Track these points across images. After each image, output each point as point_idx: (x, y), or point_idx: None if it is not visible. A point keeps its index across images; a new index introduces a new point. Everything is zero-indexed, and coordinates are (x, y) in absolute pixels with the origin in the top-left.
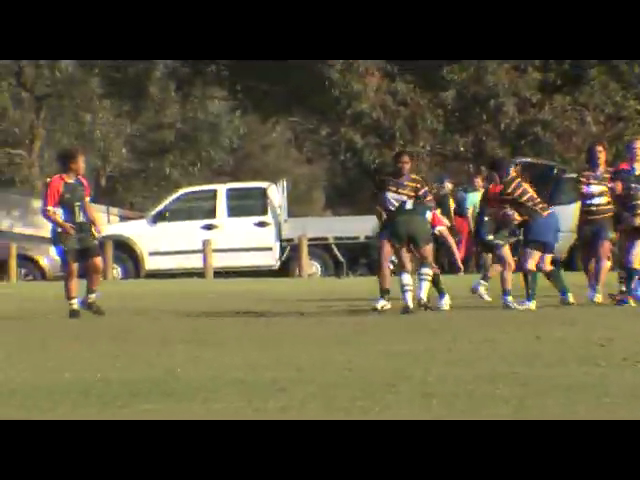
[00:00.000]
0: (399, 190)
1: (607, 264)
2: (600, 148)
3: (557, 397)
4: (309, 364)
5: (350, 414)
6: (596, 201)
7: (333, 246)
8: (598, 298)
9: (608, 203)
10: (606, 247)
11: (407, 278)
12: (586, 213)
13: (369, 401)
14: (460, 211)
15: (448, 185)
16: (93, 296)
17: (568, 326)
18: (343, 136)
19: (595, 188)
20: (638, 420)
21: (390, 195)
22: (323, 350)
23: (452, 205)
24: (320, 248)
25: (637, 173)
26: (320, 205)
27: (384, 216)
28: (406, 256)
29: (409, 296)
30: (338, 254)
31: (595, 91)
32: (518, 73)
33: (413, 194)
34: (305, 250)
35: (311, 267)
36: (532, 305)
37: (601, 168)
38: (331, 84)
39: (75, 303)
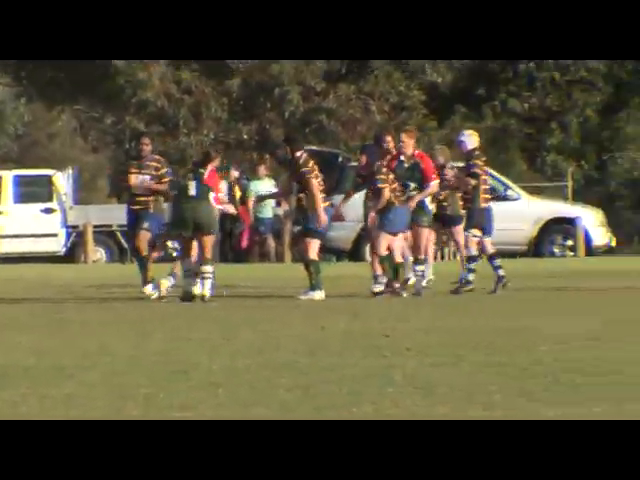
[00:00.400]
0: (142, 171)
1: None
2: (389, 138)
3: (342, 386)
4: (96, 350)
5: (136, 401)
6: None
7: (117, 233)
8: (377, 288)
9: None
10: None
11: (190, 263)
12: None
13: (155, 388)
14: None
15: (234, 173)
16: None
17: (353, 317)
18: (128, 125)
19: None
20: (421, 408)
21: (133, 177)
22: (110, 336)
23: (238, 193)
24: (105, 235)
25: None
26: (105, 193)
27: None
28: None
29: (208, 284)
30: (122, 241)
31: (379, 80)
32: (303, 62)
33: (155, 173)
34: (90, 237)
35: (96, 253)
36: (317, 295)
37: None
38: (116, 72)
39: None
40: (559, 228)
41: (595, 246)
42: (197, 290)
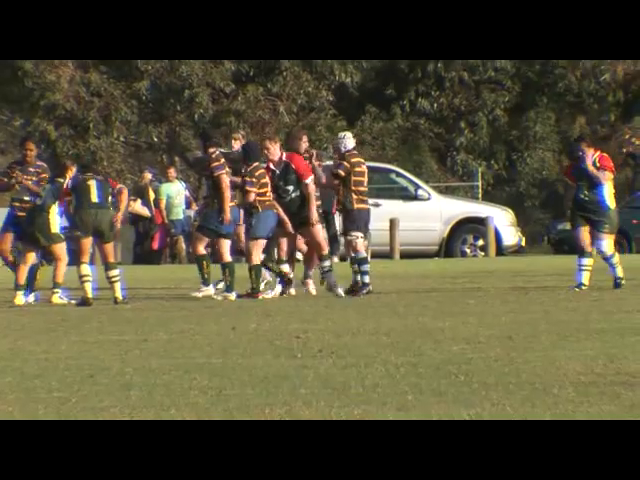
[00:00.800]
0: (25, 177)
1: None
2: (305, 138)
3: (254, 387)
4: (6, 354)
5: (48, 405)
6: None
7: None
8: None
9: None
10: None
11: (87, 269)
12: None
13: (67, 392)
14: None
15: (147, 175)
16: None
17: (264, 317)
18: (37, 127)
19: None
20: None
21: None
22: (19, 340)
23: (152, 196)
24: None
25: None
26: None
27: None
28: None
29: (89, 287)
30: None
31: (288, 81)
32: (212, 64)
33: (36, 179)
34: None
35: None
36: (232, 296)
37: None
38: (24, 74)
39: None
40: (470, 228)
41: (505, 245)
42: (90, 294)
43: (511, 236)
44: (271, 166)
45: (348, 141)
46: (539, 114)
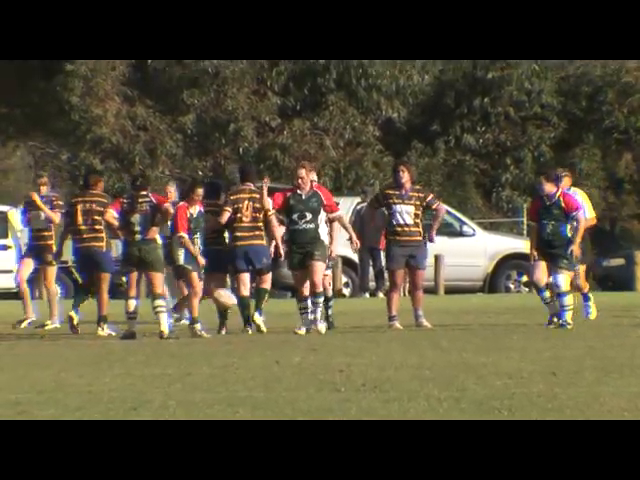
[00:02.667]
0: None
1: None
2: (403, 168)
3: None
4: (50, 386)
5: None
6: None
7: (72, 269)
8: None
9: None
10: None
11: (133, 305)
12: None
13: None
14: None
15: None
16: None
17: (308, 351)
18: (83, 161)
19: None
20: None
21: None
22: (63, 372)
23: None
24: (62, 271)
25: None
26: (61, 229)
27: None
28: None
29: (133, 323)
30: (79, 277)
31: (334, 116)
32: (257, 97)
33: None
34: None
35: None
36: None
37: (407, 186)
38: (71, 108)
39: None
40: (514, 264)
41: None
42: (134, 328)
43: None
44: (298, 191)
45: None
46: (585, 150)
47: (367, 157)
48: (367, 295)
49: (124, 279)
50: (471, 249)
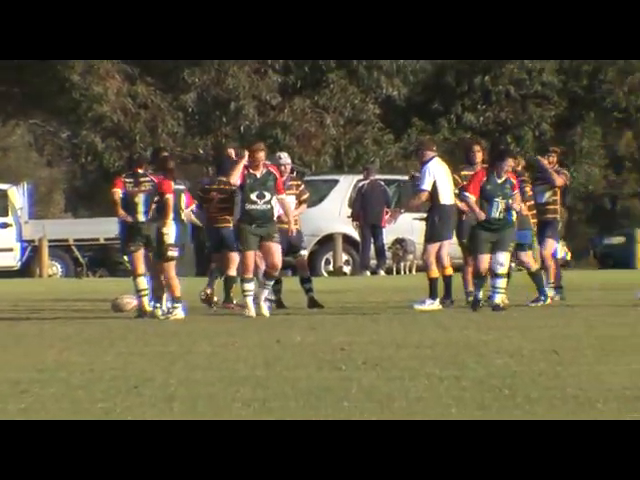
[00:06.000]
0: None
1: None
2: (478, 147)
3: (298, 400)
4: (51, 365)
5: (93, 416)
6: None
7: (74, 247)
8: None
9: None
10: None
11: (144, 282)
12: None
13: (111, 402)
14: None
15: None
16: None
17: (308, 330)
18: (84, 139)
19: None
20: (375, 420)
21: None
22: (65, 351)
23: None
24: (61, 249)
25: None
26: (60, 207)
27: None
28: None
29: (145, 300)
30: (79, 255)
31: (334, 94)
32: (258, 76)
33: None
34: (45, 251)
35: (52, 268)
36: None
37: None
38: (71, 86)
39: None
40: None
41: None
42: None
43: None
44: (251, 171)
45: None
46: (586, 129)
47: (367, 135)
48: (368, 273)
49: (126, 258)
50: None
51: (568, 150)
